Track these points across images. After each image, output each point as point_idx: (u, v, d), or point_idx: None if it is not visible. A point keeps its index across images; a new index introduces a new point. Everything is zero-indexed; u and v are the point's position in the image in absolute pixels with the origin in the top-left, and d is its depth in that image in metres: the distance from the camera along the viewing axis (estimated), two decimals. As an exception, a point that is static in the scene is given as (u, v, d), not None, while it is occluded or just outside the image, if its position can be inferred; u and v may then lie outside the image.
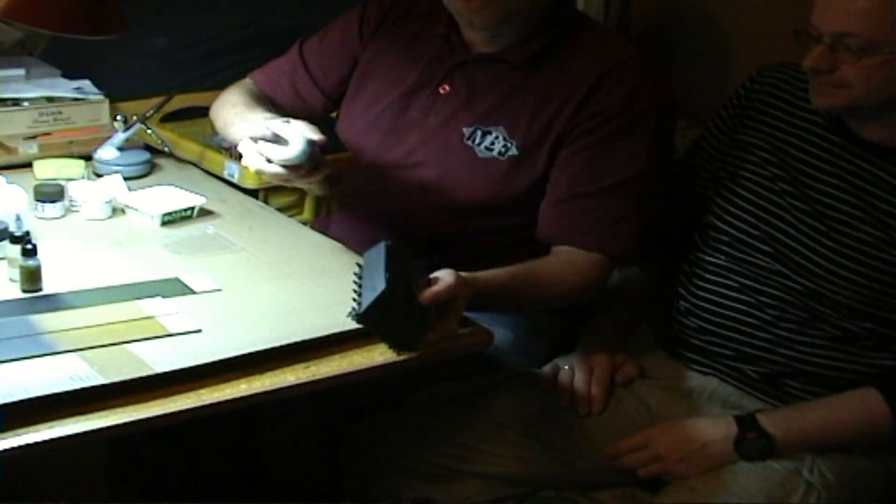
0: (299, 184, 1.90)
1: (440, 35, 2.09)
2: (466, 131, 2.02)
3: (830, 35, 1.75)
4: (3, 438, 1.38)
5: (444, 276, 1.67)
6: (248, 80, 2.28)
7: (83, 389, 1.45)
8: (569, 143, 1.97)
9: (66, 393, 1.44)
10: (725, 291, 1.92)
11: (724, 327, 1.92)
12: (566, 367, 1.95)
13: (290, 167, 1.81)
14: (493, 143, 2.00)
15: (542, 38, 2.01)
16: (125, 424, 1.44)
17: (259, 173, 1.86)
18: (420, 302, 1.61)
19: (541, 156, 1.98)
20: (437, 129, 2.05)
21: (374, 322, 1.57)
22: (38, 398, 1.43)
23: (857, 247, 1.81)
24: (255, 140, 1.83)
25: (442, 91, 2.07)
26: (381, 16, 2.18)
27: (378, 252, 1.64)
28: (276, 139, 1.81)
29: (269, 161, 1.81)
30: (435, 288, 1.63)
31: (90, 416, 1.44)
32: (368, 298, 1.56)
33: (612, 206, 1.95)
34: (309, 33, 2.27)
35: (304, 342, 1.61)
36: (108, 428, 1.43)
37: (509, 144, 1.99)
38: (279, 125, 1.82)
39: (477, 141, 2.01)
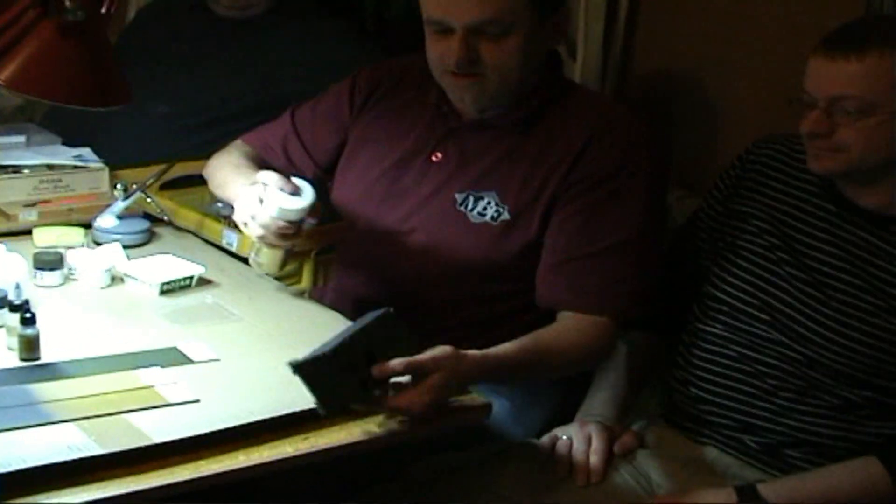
0: (273, 241, 1.93)
1: (431, 104, 2.10)
2: (459, 197, 2.03)
3: (825, 100, 1.76)
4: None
5: (427, 352, 1.67)
6: (241, 143, 2.29)
7: (81, 460, 1.45)
8: (561, 206, 1.97)
9: (64, 463, 1.43)
10: (724, 361, 1.92)
11: (723, 397, 1.91)
12: (564, 437, 1.94)
13: (283, 222, 1.87)
14: (485, 209, 2.01)
15: (531, 102, 2.03)
16: (123, 496, 1.43)
17: (245, 225, 1.91)
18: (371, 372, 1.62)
19: (533, 220, 1.98)
20: (430, 195, 2.06)
21: (301, 375, 1.57)
22: (35, 468, 1.42)
23: (855, 315, 1.81)
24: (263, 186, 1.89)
25: (434, 159, 2.08)
26: (371, 87, 2.19)
27: (370, 315, 1.67)
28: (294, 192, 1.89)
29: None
30: (392, 362, 1.63)
31: (88, 486, 1.43)
32: (310, 354, 1.59)
33: (609, 268, 1.95)
34: (302, 101, 2.29)
35: (302, 412, 1.60)
36: (106, 500, 1.42)
37: (501, 209, 2.00)
38: (298, 178, 1.90)
39: (469, 206, 2.02)
